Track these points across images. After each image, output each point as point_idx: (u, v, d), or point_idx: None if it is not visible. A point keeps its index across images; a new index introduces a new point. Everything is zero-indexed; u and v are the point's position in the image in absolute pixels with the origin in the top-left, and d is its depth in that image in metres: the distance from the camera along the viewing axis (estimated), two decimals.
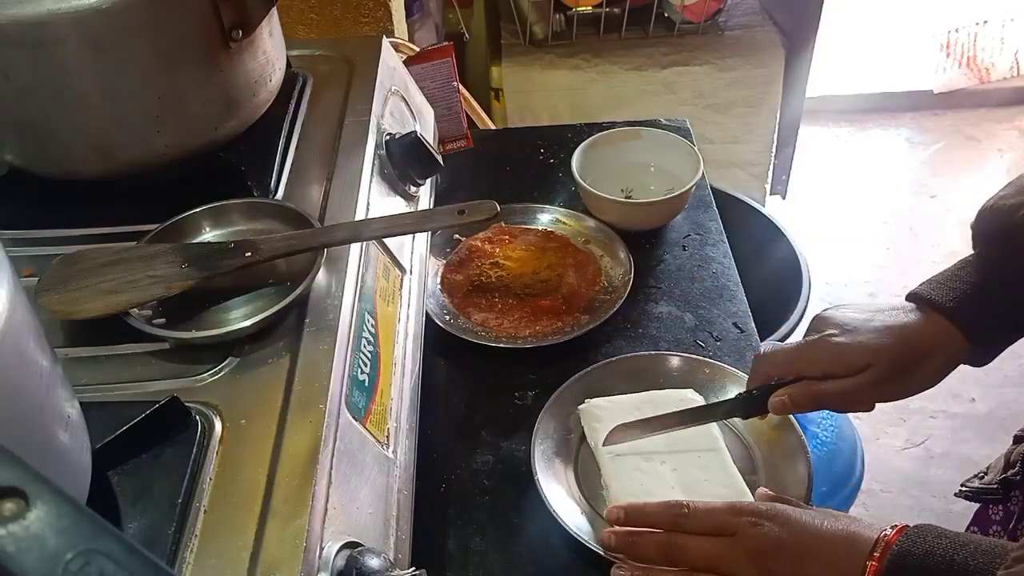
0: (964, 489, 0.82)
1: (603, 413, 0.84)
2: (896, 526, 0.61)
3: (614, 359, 0.92)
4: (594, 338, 0.97)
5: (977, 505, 0.84)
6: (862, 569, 0.60)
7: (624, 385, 0.88)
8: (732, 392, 0.86)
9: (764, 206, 1.85)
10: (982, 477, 0.81)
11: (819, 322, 0.76)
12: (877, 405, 0.74)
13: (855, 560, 0.61)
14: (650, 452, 0.80)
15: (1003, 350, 0.72)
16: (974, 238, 0.73)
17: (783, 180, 2.29)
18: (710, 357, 0.93)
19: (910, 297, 0.74)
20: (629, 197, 1.15)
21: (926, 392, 0.73)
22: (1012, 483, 0.77)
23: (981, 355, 0.72)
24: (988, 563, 0.56)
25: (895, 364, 0.70)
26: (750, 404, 0.78)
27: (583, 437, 0.85)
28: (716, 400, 0.85)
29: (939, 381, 0.72)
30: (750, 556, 0.65)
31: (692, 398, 0.86)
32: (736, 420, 0.84)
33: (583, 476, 0.82)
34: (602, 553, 0.73)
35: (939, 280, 0.73)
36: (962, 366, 0.73)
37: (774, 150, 2.18)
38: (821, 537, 0.63)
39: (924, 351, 0.70)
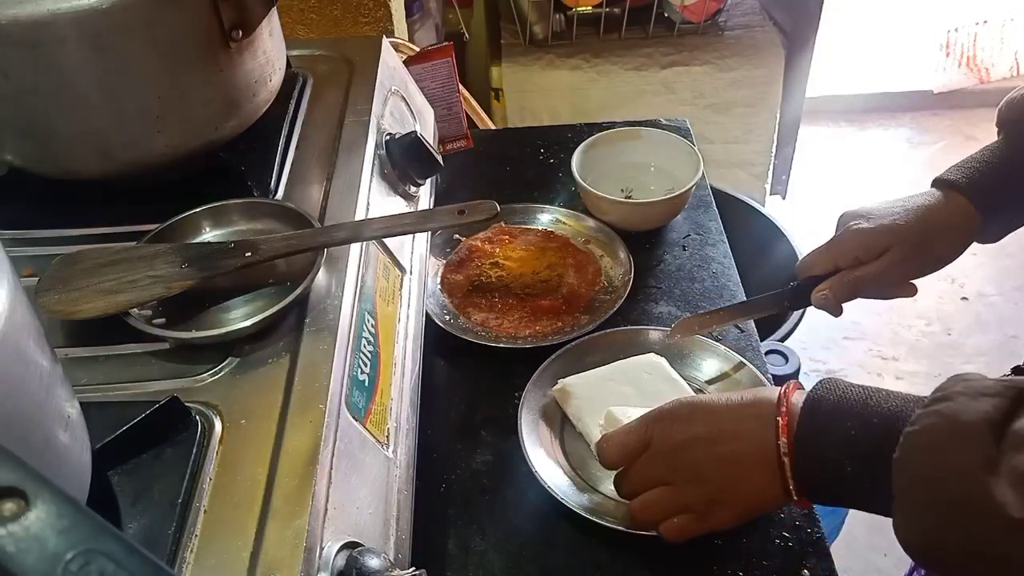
0: None
1: (577, 389, 0.87)
2: (792, 383, 0.63)
3: (587, 336, 0.95)
4: None
5: None
6: (773, 425, 0.61)
7: (604, 359, 0.91)
8: (707, 362, 0.91)
9: (764, 206, 1.85)
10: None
11: (846, 217, 0.80)
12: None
13: (763, 420, 0.62)
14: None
15: (1013, 229, 0.78)
16: (998, 124, 0.79)
17: (783, 180, 2.29)
18: None
19: (935, 183, 0.79)
20: (629, 197, 1.15)
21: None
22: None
23: (992, 233, 0.78)
24: (902, 407, 0.56)
25: (914, 240, 0.75)
26: (795, 296, 0.82)
27: (565, 416, 0.88)
28: (694, 367, 0.91)
29: (958, 255, 0.78)
30: (669, 458, 0.68)
31: (656, 362, 0.89)
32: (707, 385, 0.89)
33: (570, 450, 0.85)
34: (590, 517, 0.76)
35: (961, 164, 0.78)
36: None
37: (774, 150, 2.18)
38: (725, 413, 0.65)
39: (940, 225, 0.75)
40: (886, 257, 0.76)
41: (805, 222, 2.51)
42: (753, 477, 0.64)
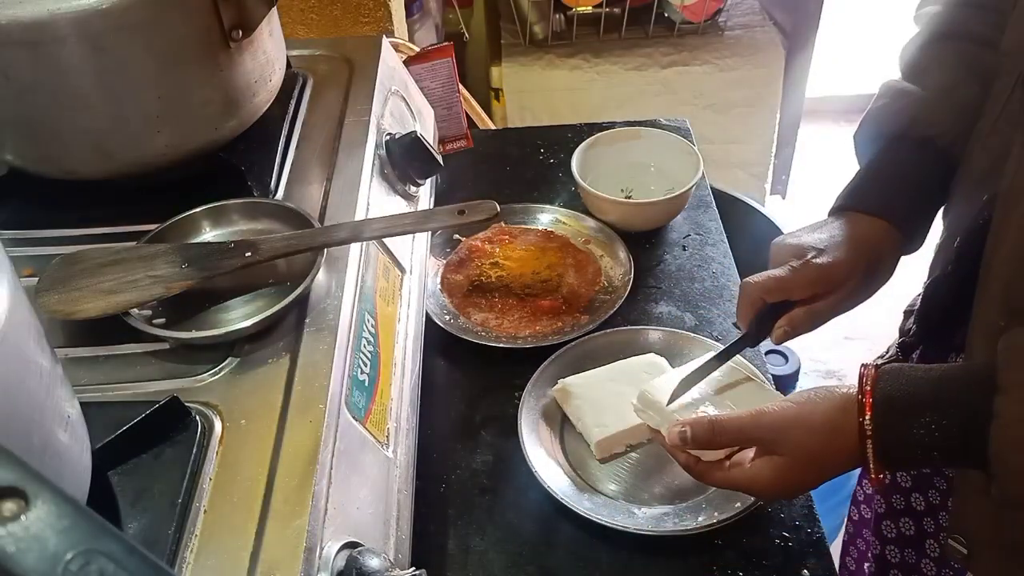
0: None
1: (576, 389, 0.87)
2: (865, 387, 0.63)
3: (587, 336, 0.95)
4: None
5: None
6: (859, 435, 0.62)
7: (604, 359, 0.92)
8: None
9: (764, 206, 1.85)
10: (884, 356, 0.86)
11: (782, 248, 0.80)
12: None
13: (847, 436, 0.62)
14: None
15: (927, 234, 0.80)
16: (862, 144, 0.84)
17: (783, 180, 2.29)
18: None
19: (839, 210, 0.81)
20: (629, 197, 1.15)
21: None
22: (909, 346, 0.83)
23: (915, 245, 0.81)
24: (972, 388, 0.58)
25: (865, 270, 0.76)
26: (758, 331, 0.81)
27: (565, 416, 0.88)
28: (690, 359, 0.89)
29: (890, 278, 0.80)
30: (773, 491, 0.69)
31: (655, 361, 0.90)
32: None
33: (570, 449, 0.86)
34: (590, 516, 0.76)
35: (856, 189, 0.81)
36: None
37: (774, 150, 2.18)
38: (813, 444, 0.65)
39: (880, 252, 0.77)
40: (844, 289, 0.76)
41: (805, 222, 2.50)
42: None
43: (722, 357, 0.81)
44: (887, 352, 0.86)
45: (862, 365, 0.64)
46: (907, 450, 0.60)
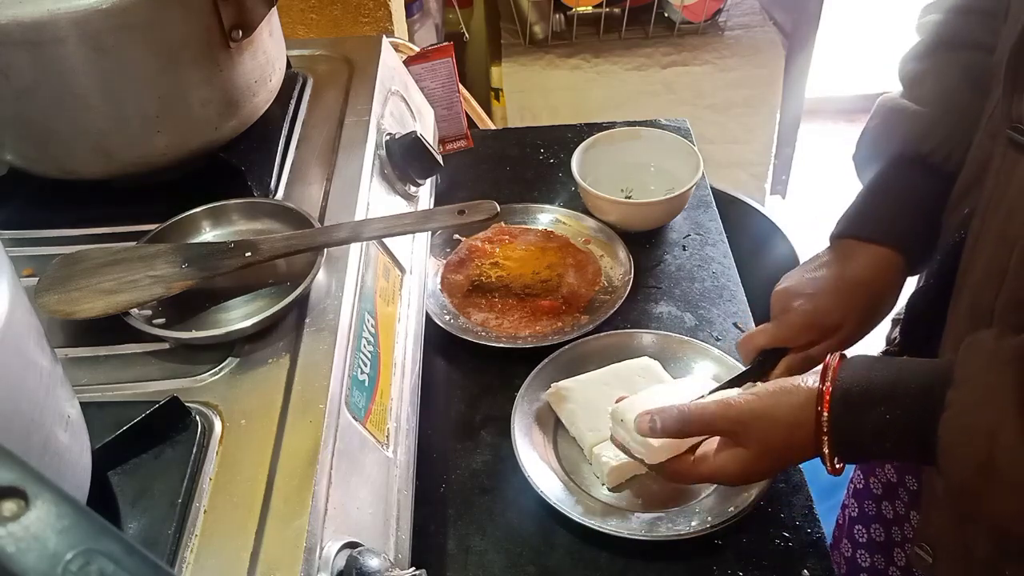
0: None
1: (570, 393, 0.87)
2: (826, 378, 0.62)
3: (581, 340, 0.95)
4: None
5: None
6: (816, 428, 0.62)
7: (598, 362, 0.91)
8: (701, 364, 0.91)
9: (764, 206, 1.84)
10: None
11: (781, 296, 0.80)
12: None
13: (807, 430, 0.63)
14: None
15: (929, 256, 0.77)
16: (860, 165, 0.82)
17: (783, 180, 2.29)
18: None
19: (841, 236, 0.79)
20: (629, 197, 1.15)
21: None
22: (893, 355, 0.82)
23: (920, 266, 0.79)
24: (928, 381, 0.58)
25: (864, 314, 0.76)
26: (760, 373, 0.81)
27: (558, 419, 0.88)
28: (687, 370, 0.91)
29: (894, 307, 0.79)
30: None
31: (650, 365, 0.89)
32: None
33: (563, 454, 0.85)
34: (583, 522, 0.76)
35: (857, 216, 0.79)
36: None
37: (774, 150, 2.18)
38: (775, 438, 0.66)
39: (881, 284, 0.76)
40: (841, 332, 0.76)
41: (805, 222, 2.51)
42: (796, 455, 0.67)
43: (721, 389, 0.81)
44: None
45: (828, 355, 0.64)
46: (860, 436, 0.60)
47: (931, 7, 0.82)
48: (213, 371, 0.61)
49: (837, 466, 0.63)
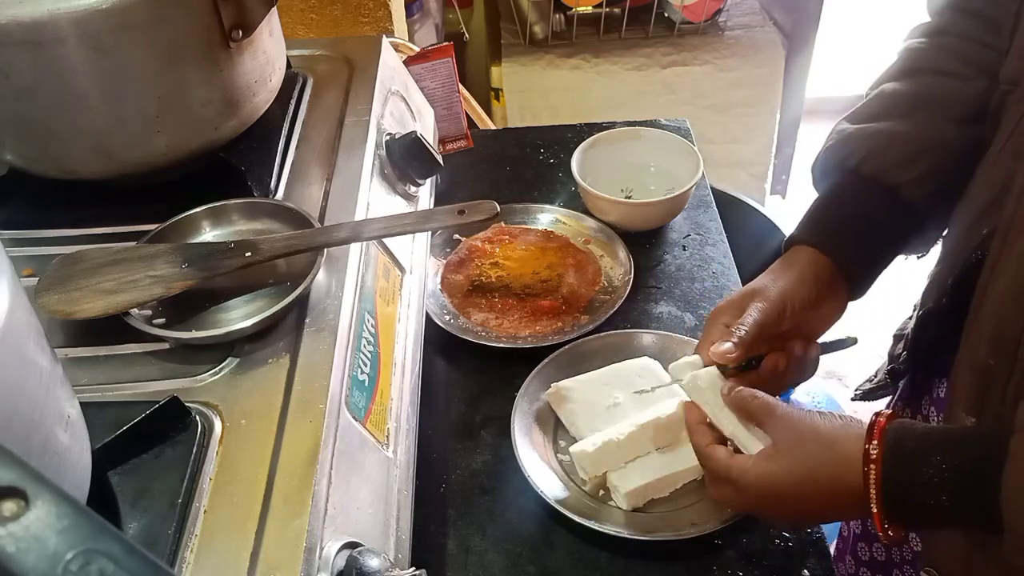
0: (858, 392, 0.87)
1: (570, 393, 0.86)
2: (871, 451, 0.60)
3: (580, 340, 0.94)
4: None
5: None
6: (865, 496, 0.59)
7: (598, 362, 0.91)
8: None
9: (764, 206, 1.84)
10: (873, 379, 0.86)
11: (720, 311, 0.79)
12: None
13: (853, 497, 0.60)
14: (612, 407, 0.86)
15: (874, 280, 0.78)
16: (820, 178, 0.82)
17: (783, 180, 2.29)
18: None
19: (789, 242, 0.80)
20: (629, 197, 1.15)
21: None
22: (899, 373, 0.82)
23: (859, 288, 0.78)
24: (981, 454, 0.56)
25: (806, 301, 0.75)
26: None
27: (559, 419, 0.88)
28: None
29: (841, 315, 0.78)
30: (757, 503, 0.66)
31: (649, 365, 0.89)
32: None
33: (562, 453, 0.85)
34: (583, 522, 0.76)
35: (811, 223, 0.80)
36: None
37: (774, 150, 2.18)
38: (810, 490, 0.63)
39: (820, 289, 0.76)
40: (791, 330, 0.75)
41: None
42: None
43: None
44: (875, 376, 0.85)
45: (874, 414, 0.61)
46: (913, 492, 0.57)
47: (915, 31, 0.82)
48: (213, 371, 0.61)
49: (889, 531, 0.59)
